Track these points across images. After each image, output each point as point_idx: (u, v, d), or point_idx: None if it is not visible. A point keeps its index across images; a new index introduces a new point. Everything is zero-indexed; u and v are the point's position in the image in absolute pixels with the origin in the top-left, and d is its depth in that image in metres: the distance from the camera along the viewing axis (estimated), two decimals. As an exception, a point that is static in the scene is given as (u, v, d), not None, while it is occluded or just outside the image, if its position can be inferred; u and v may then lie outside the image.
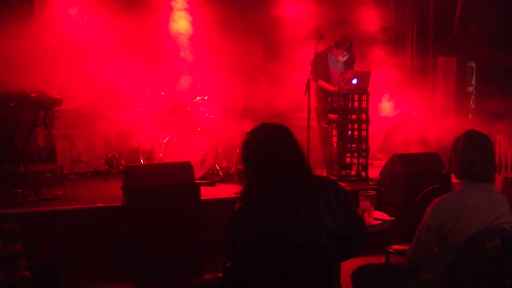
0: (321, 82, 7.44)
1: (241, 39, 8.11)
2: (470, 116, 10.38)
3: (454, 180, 3.70)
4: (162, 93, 7.78)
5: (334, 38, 7.48)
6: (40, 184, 6.36)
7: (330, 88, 7.33)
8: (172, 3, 8.02)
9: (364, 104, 7.15)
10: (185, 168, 5.59)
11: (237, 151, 8.00)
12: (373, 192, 4.15)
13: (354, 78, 7.05)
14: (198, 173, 6.89)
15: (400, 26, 10.01)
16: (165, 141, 7.20)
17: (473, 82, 10.61)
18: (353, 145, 7.21)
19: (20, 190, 6.04)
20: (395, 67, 8.99)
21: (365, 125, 7.19)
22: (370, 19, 9.38)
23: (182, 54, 7.93)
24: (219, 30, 8.04)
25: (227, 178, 7.55)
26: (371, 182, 6.93)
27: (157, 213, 5.30)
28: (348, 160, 7.24)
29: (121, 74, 7.29)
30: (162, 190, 5.37)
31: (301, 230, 2.64)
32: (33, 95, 6.05)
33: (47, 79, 7.50)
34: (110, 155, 7.79)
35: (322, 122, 7.54)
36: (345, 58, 7.45)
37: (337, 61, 7.49)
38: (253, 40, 8.68)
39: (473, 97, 10.58)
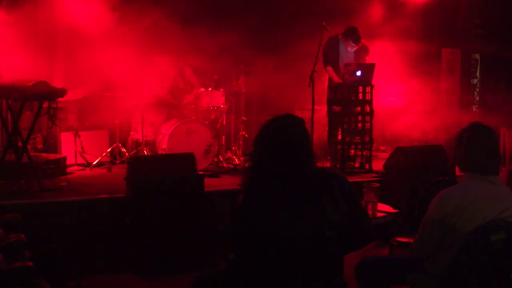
0: (329, 69, 7.37)
1: (245, 29, 8.08)
2: (474, 109, 10.35)
3: (458, 172, 3.68)
4: (165, 84, 7.77)
5: (340, 28, 7.40)
6: (43, 175, 6.36)
7: (335, 78, 7.28)
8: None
9: (368, 96, 7.13)
10: (189, 159, 5.58)
11: (241, 142, 8.01)
12: (377, 184, 4.14)
13: (358, 70, 7.00)
14: (201, 164, 6.91)
15: (404, 17, 9.95)
16: (168, 132, 7.19)
17: (478, 74, 10.57)
18: (357, 137, 7.20)
19: (23, 181, 6.03)
20: (399, 58, 8.94)
21: (369, 117, 7.17)
22: (375, 9, 9.33)
23: (185, 44, 7.91)
24: (222, 21, 8.02)
25: (230, 169, 7.55)
26: (375, 174, 6.92)
27: (161, 204, 5.30)
28: (352, 152, 7.23)
29: (125, 64, 7.27)
30: (166, 181, 5.36)
31: (304, 222, 2.64)
32: (36, 85, 6.04)
33: (50, 69, 7.50)
34: (113, 146, 7.79)
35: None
36: (354, 49, 7.30)
37: (347, 51, 7.36)
38: (258, 31, 8.65)
39: (477, 90, 10.54)
